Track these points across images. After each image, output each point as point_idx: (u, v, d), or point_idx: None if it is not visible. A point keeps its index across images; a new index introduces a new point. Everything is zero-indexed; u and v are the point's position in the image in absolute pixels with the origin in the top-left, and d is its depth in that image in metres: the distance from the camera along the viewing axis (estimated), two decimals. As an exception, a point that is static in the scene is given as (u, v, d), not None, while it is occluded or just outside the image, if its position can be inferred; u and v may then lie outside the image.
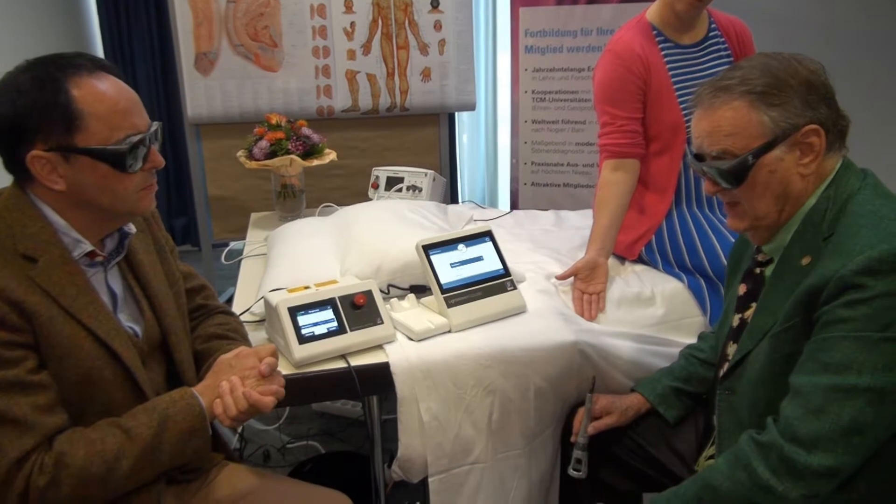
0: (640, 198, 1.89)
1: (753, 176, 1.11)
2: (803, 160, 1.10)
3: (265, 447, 2.44)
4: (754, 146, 1.10)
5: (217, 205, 2.94)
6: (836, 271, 1.01)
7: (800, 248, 1.12)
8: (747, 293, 1.26)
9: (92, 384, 1.09)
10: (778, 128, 1.09)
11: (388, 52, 2.86)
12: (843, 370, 0.99)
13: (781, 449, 1.01)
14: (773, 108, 1.08)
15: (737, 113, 1.10)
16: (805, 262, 1.10)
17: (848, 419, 0.98)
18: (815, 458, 0.99)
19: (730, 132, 1.11)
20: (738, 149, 1.11)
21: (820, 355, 1.02)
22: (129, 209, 1.14)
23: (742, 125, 1.10)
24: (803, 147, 1.10)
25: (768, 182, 1.11)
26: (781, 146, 1.09)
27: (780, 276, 1.15)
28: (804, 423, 1.00)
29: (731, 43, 1.89)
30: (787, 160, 1.10)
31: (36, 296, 1.03)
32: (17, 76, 1.05)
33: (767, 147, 1.09)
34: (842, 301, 1.00)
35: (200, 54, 2.76)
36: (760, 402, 1.13)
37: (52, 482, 1.00)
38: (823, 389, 1.00)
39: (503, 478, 1.54)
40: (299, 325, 1.43)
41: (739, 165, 1.11)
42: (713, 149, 1.13)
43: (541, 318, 1.60)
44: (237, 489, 1.33)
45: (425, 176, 2.38)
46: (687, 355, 1.51)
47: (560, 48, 2.89)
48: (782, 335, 1.10)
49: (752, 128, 1.10)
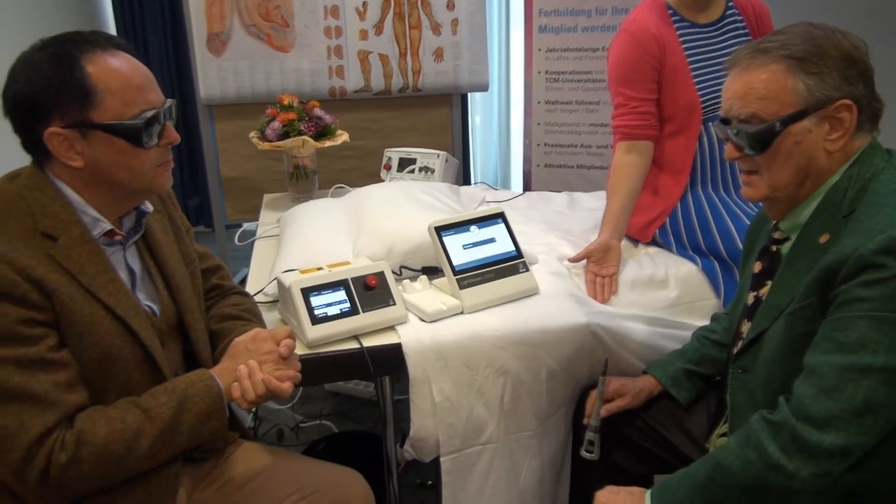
0: (654, 179, 1.87)
1: (778, 144, 1.09)
2: (831, 135, 1.09)
3: (279, 426, 2.47)
4: (784, 113, 1.08)
5: (230, 186, 2.95)
6: (855, 250, 1.00)
7: (819, 225, 1.10)
8: (762, 271, 1.24)
9: (111, 362, 1.10)
10: (812, 97, 1.07)
11: (401, 31, 2.84)
12: (859, 350, 0.98)
13: (793, 428, 1.01)
14: (810, 77, 1.07)
15: (773, 76, 1.08)
16: (823, 240, 1.08)
17: (861, 399, 0.97)
18: (827, 438, 0.98)
19: (763, 95, 1.09)
20: (768, 114, 1.09)
21: (835, 334, 1.01)
22: (146, 186, 1.15)
23: (776, 90, 1.08)
24: (833, 122, 1.08)
25: (792, 152, 1.10)
26: (812, 117, 1.08)
27: (798, 253, 1.14)
28: (817, 402, 1.00)
29: (748, 21, 1.86)
30: (815, 133, 1.09)
31: (56, 274, 1.05)
32: (33, 55, 1.06)
33: (798, 116, 1.08)
34: (859, 280, 0.99)
35: (213, 35, 2.75)
36: (775, 381, 1.12)
37: (73, 459, 1.02)
38: (838, 369, 0.99)
39: (515, 458, 1.55)
40: (312, 305, 1.44)
41: (766, 131, 1.09)
42: (742, 111, 1.11)
43: (553, 300, 1.60)
44: (252, 467, 1.35)
45: (438, 157, 2.37)
46: (699, 337, 1.50)
47: (574, 28, 2.86)
48: (798, 313, 1.09)
49: (786, 94, 1.08)
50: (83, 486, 1.06)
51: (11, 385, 0.99)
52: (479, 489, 1.53)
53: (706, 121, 1.80)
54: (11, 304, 1.00)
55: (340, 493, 1.35)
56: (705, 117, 1.80)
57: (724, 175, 1.84)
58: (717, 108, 1.81)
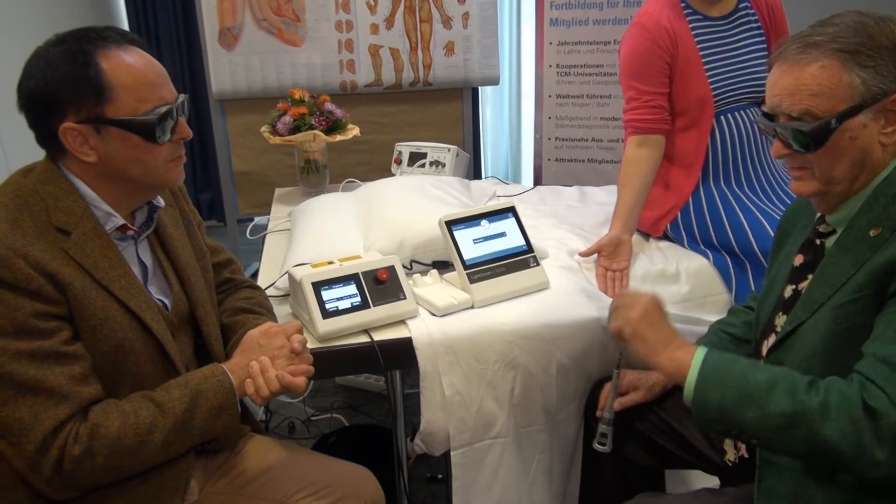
0: (666, 174, 1.86)
1: (833, 141, 1.06)
2: (887, 128, 1.06)
3: (290, 419, 2.48)
4: (839, 109, 1.04)
5: (241, 180, 2.97)
6: None
7: (868, 218, 1.08)
8: (804, 264, 1.21)
9: (124, 356, 1.11)
10: (868, 91, 1.03)
11: (412, 25, 2.84)
12: None
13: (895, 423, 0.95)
14: (865, 70, 1.03)
15: (826, 72, 1.04)
16: (874, 234, 1.06)
17: None
18: None
19: (816, 91, 1.05)
20: (822, 111, 1.05)
21: None
22: (158, 181, 1.15)
23: (830, 85, 1.04)
24: (889, 115, 1.05)
25: (846, 148, 1.06)
26: (868, 112, 1.04)
27: (845, 247, 1.11)
28: None
29: (761, 15, 1.84)
30: (871, 127, 1.05)
31: (69, 268, 1.05)
32: (47, 50, 1.06)
33: (854, 111, 1.04)
34: None
35: (224, 29, 2.76)
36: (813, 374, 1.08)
37: (87, 452, 1.03)
38: None
39: (525, 452, 1.55)
40: (323, 299, 1.44)
41: (821, 129, 1.05)
42: (794, 109, 1.07)
43: (564, 295, 1.60)
44: (263, 461, 1.36)
45: (448, 151, 2.37)
46: (717, 331, 1.47)
47: (585, 21, 2.84)
48: (849, 307, 1.05)
49: (841, 89, 1.04)
50: (96, 479, 1.07)
51: (27, 378, 1.00)
52: (489, 483, 1.54)
53: (718, 115, 1.79)
54: (26, 298, 1.00)
55: (351, 489, 1.35)
56: (717, 111, 1.79)
57: (736, 169, 1.83)
58: (729, 102, 1.79)
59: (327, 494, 1.32)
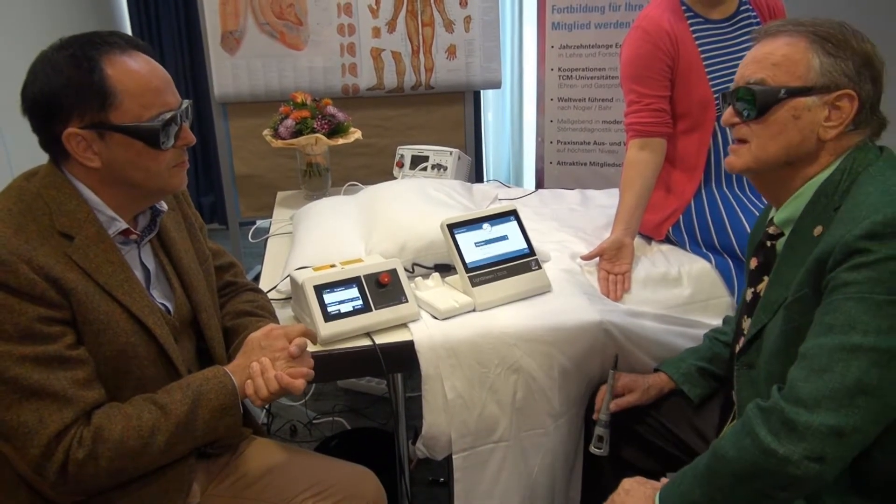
0: (668, 177, 1.86)
1: (776, 112, 1.12)
2: (829, 122, 1.11)
3: (292, 422, 2.48)
4: (792, 84, 1.11)
5: (244, 183, 2.97)
6: (841, 237, 1.01)
7: (812, 218, 1.11)
8: (759, 266, 1.25)
9: (127, 360, 1.11)
10: (822, 77, 1.09)
11: (414, 29, 2.84)
12: (848, 330, 0.98)
13: (783, 411, 1.00)
14: (827, 56, 1.09)
15: (792, 48, 1.11)
16: (817, 233, 1.09)
17: (853, 379, 0.96)
18: (818, 417, 0.97)
19: (777, 62, 1.12)
20: (776, 82, 1.12)
21: (824, 318, 1.01)
22: (161, 186, 1.16)
23: (792, 60, 1.11)
24: (833, 109, 1.10)
25: (787, 126, 1.12)
26: (815, 97, 1.10)
27: (793, 247, 1.14)
28: (807, 383, 0.99)
29: (762, 17, 1.85)
30: (814, 113, 1.11)
31: (73, 272, 1.06)
32: (52, 55, 1.07)
33: (804, 91, 1.10)
34: (847, 266, 1.00)
35: (227, 33, 2.77)
36: (775, 375, 1.12)
37: (91, 455, 1.03)
38: (828, 349, 0.99)
39: (527, 456, 1.55)
40: (325, 302, 1.45)
41: (769, 95, 1.12)
42: (753, 75, 1.14)
43: (566, 298, 1.60)
44: (265, 463, 1.36)
45: (450, 154, 2.37)
46: (711, 337, 1.50)
47: (587, 24, 2.85)
48: (793, 306, 1.09)
49: (800, 67, 1.10)
50: (100, 482, 1.07)
51: (31, 382, 1.01)
52: (491, 487, 1.54)
53: (720, 118, 1.79)
54: (30, 303, 1.01)
55: (353, 490, 1.35)
56: (719, 114, 1.79)
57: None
58: (731, 105, 1.80)
59: (329, 496, 1.33)
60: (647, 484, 1.19)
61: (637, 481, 1.20)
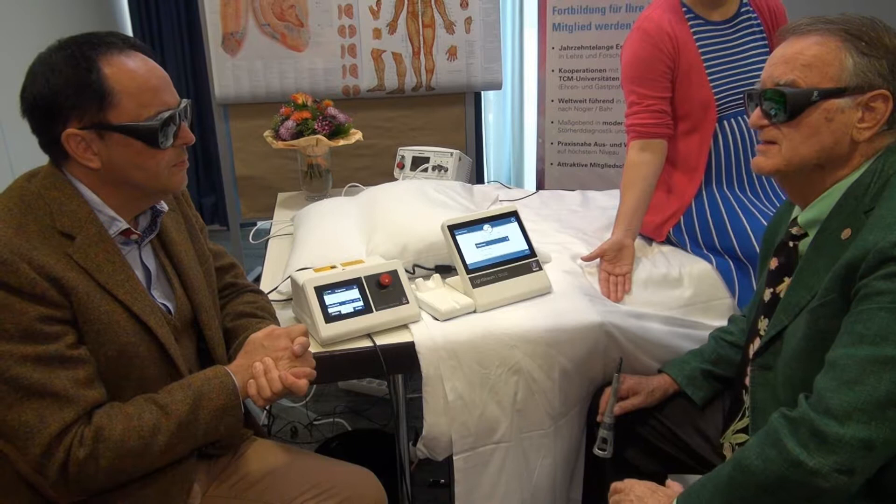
0: (669, 178, 1.86)
1: (809, 115, 1.08)
2: (862, 123, 1.07)
3: (293, 423, 2.48)
4: (824, 86, 1.07)
5: (244, 184, 2.97)
6: (875, 244, 0.98)
7: (840, 220, 1.09)
8: (780, 267, 1.22)
9: (128, 359, 1.11)
10: (856, 77, 1.06)
11: (414, 30, 2.84)
12: (881, 342, 0.96)
13: (812, 422, 0.98)
14: (860, 55, 1.06)
15: (824, 47, 1.07)
16: (845, 236, 1.06)
17: (885, 391, 0.94)
18: (849, 430, 0.95)
19: (808, 63, 1.08)
20: (807, 83, 1.08)
21: (856, 327, 0.99)
22: (161, 186, 1.16)
23: (824, 61, 1.07)
24: (867, 110, 1.07)
25: (819, 128, 1.08)
26: (848, 98, 1.06)
27: (819, 249, 1.12)
28: (838, 395, 0.97)
29: (763, 19, 1.85)
30: (848, 115, 1.07)
31: (74, 272, 1.06)
32: (50, 56, 1.07)
33: (837, 93, 1.06)
34: (880, 273, 0.97)
35: (228, 34, 2.77)
36: (795, 379, 1.10)
37: (91, 455, 1.03)
38: (859, 361, 0.97)
39: (527, 457, 1.55)
40: (326, 304, 1.45)
41: (802, 97, 1.08)
42: (783, 77, 1.10)
43: (566, 299, 1.60)
44: (266, 464, 1.36)
45: (451, 156, 2.37)
46: (716, 338, 1.49)
47: (588, 25, 2.85)
48: (819, 310, 1.07)
49: (833, 68, 1.07)
50: (101, 482, 1.07)
51: (32, 382, 1.01)
52: (492, 488, 1.53)
53: (721, 119, 1.79)
54: (31, 302, 1.01)
55: (353, 491, 1.35)
56: (720, 115, 1.79)
57: (739, 173, 1.83)
58: (731, 106, 1.80)
59: (330, 497, 1.33)
60: (659, 491, 1.17)
61: (649, 487, 1.18)
